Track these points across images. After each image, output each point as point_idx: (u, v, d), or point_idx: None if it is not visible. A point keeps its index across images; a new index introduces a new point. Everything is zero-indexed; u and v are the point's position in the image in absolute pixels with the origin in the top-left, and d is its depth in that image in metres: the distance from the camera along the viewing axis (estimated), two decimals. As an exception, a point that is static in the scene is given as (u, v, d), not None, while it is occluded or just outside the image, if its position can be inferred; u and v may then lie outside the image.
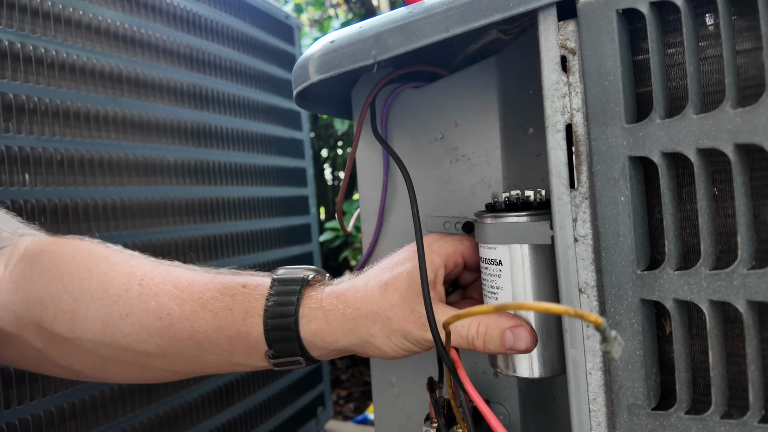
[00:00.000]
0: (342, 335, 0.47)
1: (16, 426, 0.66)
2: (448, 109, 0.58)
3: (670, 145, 0.37)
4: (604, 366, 0.41)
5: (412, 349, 0.47)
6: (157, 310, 0.48)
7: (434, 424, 0.50)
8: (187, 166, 0.97)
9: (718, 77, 0.38)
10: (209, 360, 0.50)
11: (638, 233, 0.40)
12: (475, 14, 0.43)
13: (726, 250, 0.38)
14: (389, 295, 0.46)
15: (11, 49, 0.69)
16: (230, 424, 1.02)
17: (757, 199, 0.37)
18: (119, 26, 0.85)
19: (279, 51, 1.27)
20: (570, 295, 0.41)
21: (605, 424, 0.41)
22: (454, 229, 0.58)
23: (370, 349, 0.47)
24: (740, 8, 0.37)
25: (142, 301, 0.48)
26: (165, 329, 0.48)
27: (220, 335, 0.48)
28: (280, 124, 1.26)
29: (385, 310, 0.46)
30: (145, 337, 0.48)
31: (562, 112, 0.41)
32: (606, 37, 0.39)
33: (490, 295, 0.48)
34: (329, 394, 1.37)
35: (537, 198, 0.46)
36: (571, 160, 0.42)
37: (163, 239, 0.91)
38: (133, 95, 0.87)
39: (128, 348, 0.49)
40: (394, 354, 0.47)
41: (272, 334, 0.47)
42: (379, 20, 0.48)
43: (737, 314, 0.37)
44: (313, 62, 0.51)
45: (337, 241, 1.91)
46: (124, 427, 0.81)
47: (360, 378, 2.14)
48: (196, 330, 0.48)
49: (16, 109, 0.69)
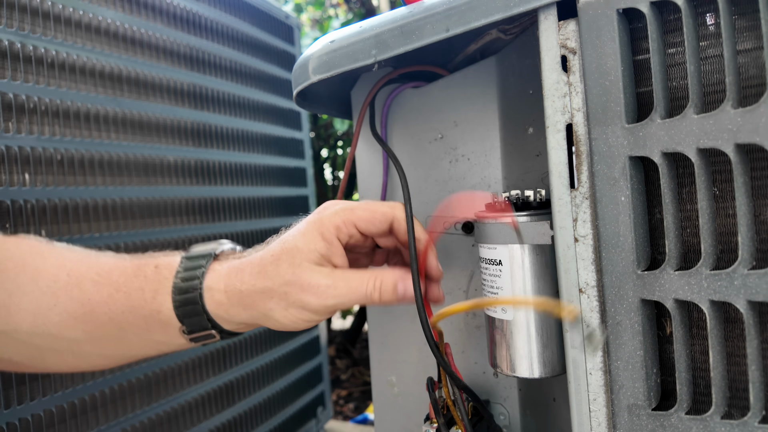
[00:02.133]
0: (242, 309, 0.48)
1: (16, 426, 0.66)
2: (447, 109, 0.58)
3: (671, 144, 0.37)
4: (604, 366, 0.41)
5: (312, 318, 0.48)
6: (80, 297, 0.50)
7: (434, 424, 0.50)
8: (187, 166, 0.97)
9: (718, 77, 0.38)
10: (133, 341, 0.52)
11: (639, 233, 0.40)
12: (475, 14, 0.43)
13: (726, 250, 0.38)
14: (282, 270, 0.47)
15: (11, 49, 0.69)
16: (230, 424, 1.02)
17: (757, 199, 0.37)
18: (119, 26, 0.85)
19: (279, 51, 1.27)
20: (570, 295, 0.41)
21: (605, 424, 0.41)
22: (454, 229, 0.58)
23: (270, 323, 0.49)
24: (741, 8, 0.37)
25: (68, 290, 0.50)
26: (88, 315, 0.50)
27: (135, 316, 0.50)
28: (280, 124, 1.26)
29: (280, 285, 0.47)
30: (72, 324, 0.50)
31: (562, 111, 0.41)
32: (606, 37, 0.39)
33: (490, 295, 0.48)
34: (329, 394, 1.37)
35: (537, 198, 0.46)
36: (572, 160, 0.42)
37: (163, 239, 0.91)
38: (133, 95, 0.87)
39: (59, 336, 0.51)
40: (294, 326, 0.48)
41: (180, 310, 0.49)
42: (379, 20, 0.48)
43: (738, 314, 0.37)
44: (313, 62, 0.51)
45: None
46: (124, 427, 0.81)
47: (360, 378, 2.14)
48: (114, 312, 0.50)
49: (16, 109, 0.69)
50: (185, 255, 0.51)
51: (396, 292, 0.47)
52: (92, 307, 0.50)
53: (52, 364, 0.54)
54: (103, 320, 0.50)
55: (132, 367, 0.83)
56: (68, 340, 0.51)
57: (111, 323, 0.50)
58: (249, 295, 0.48)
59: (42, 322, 0.50)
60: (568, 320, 0.40)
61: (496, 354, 0.48)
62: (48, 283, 0.51)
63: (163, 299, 0.49)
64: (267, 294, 0.47)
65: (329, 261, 0.48)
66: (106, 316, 0.50)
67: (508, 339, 0.47)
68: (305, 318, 0.48)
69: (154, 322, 0.50)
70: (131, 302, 0.50)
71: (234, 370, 1.04)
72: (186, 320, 0.49)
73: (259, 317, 0.49)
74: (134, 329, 0.51)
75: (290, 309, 0.47)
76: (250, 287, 0.48)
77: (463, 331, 0.59)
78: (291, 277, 0.47)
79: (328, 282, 0.47)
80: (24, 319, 0.50)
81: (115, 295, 0.50)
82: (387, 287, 0.47)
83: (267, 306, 0.48)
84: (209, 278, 0.49)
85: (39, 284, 0.51)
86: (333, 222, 0.49)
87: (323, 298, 0.47)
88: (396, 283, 0.47)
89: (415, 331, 0.62)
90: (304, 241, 0.48)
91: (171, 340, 0.52)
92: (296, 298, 0.47)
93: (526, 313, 0.46)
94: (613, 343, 0.40)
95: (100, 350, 0.53)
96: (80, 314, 0.50)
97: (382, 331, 0.64)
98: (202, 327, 0.50)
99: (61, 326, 0.50)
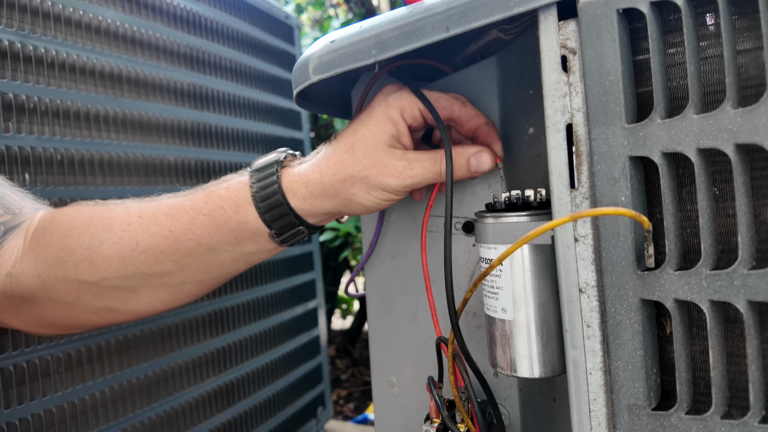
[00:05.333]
0: (327, 199, 0.51)
1: (16, 426, 0.66)
2: (448, 109, 0.58)
3: (671, 145, 0.37)
4: (604, 366, 0.41)
5: (392, 198, 0.51)
6: (160, 231, 0.53)
7: (434, 423, 0.50)
8: (187, 166, 0.97)
9: (718, 77, 0.38)
10: (225, 258, 0.54)
11: (638, 233, 0.40)
12: (475, 14, 0.43)
13: (726, 250, 0.38)
14: (359, 156, 0.50)
15: (11, 49, 0.69)
16: (230, 424, 1.02)
17: (757, 199, 0.37)
18: (119, 26, 0.85)
19: (279, 51, 1.27)
20: (570, 295, 0.41)
21: (605, 424, 0.41)
22: (454, 229, 0.58)
23: (354, 207, 0.52)
24: (741, 8, 0.37)
25: (145, 228, 0.53)
26: (173, 245, 0.53)
27: (222, 233, 0.53)
28: (280, 124, 1.26)
29: (360, 171, 0.50)
30: (159, 258, 0.53)
31: (562, 111, 0.41)
32: (606, 37, 0.39)
33: (490, 296, 0.48)
34: (329, 394, 1.37)
35: (537, 198, 0.46)
36: (572, 160, 0.42)
37: (163, 239, 0.91)
38: (133, 95, 0.87)
39: (150, 273, 0.54)
40: (377, 206, 0.52)
41: (268, 215, 0.52)
42: (379, 20, 0.48)
43: (738, 314, 0.37)
44: (313, 62, 0.51)
45: (337, 241, 1.90)
46: (124, 427, 0.81)
47: (360, 378, 2.14)
48: (199, 235, 0.53)
49: (16, 109, 0.69)
50: (252, 169, 0.54)
51: (469, 167, 0.50)
52: (176, 236, 0.53)
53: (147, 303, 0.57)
54: (190, 246, 0.53)
55: (132, 366, 0.83)
56: (160, 274, 0.54)
57: (199, 247, 0.53)
58: (332, 185, 0.51)
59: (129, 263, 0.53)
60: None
61: (496, 354, 0.48)
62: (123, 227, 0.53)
63: (247, 210, 0.52)
64: (349, 181, 0.50)
65: (399, 141, 0.51)
66: (192, 241, 0.53)
67: (508, 339, 0.47)
68: (386, 198, 0.51)
69: (243, 234, 0.53)
70: (215, 221, 0.52)
71: (234, 370, 1.04)
72: (274, 223, 0.52)
73: (344, 203, 0.51)
74: (224, 246, 0.53)
75: (372, 191, 0.50)
76: (331, 177, 0.51)
77: (463, 331, 0.59)
78: (369, 161, 0.50)
79: (404, 163, 0.49)
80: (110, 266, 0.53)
81: (197, 219, 0.53)
82: (460, 163, 0.50)
83: (350, 191, 0.50)
84: (285, 180, 0.52)
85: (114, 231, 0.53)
86: (399, 103, 0.51)
87: (401, 179, 0.49)
88: (469, 158, 0.50)
89: (416, 331, 0.62)
90: (374, 125, 0.50)
91: (261, 247, 0.54)
92: (377, 181, 0.50)
93: (526, 314, 0.46)
94: (613, 343, 0.40)
95: (193, 277, 0.55)
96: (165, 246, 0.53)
97: (382, 331, 0.64)
98: (291, 225, 0.52)
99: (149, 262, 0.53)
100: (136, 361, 0.84)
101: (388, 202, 0.51)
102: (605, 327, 0.40)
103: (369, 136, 0.50)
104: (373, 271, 0.65)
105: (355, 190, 0.50)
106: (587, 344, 0.41)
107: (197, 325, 0.97)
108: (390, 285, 0.63)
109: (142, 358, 0.85)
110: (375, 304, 0.65)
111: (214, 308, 1.00)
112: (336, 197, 0.51)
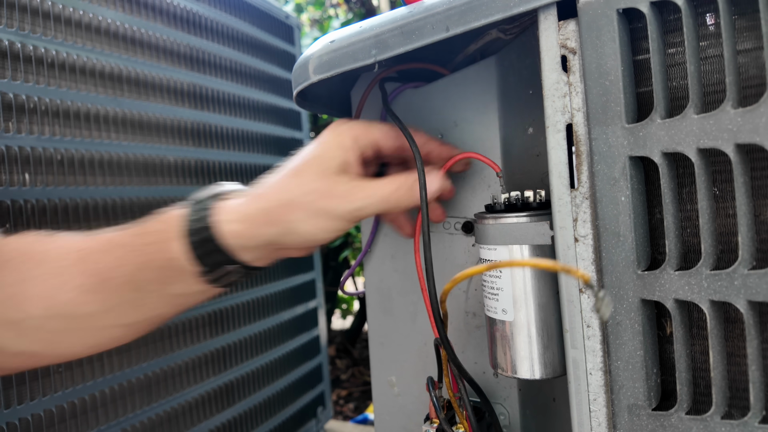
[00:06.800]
0: (265, 227, 0.47)
1: (16, 426, 0.66)
2: (448, 109, 0.58)
3: (671, 144, 0.37)
4: (604, 366, 0.41)
5: (337, 227, 0.48)
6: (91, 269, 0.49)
7: (434, 423, 0.50)
8: (187, 166, 0.97)
9: (718, 77, 0.38)
10: (151, 300, 0.51)
11: (639, 233, 0.40)
12: (475, 14, 0.43)
13: (726, 250, 0.38)
14: (305, 180, 0.47)
15: (11, 49, 0.69)
16: (230, 424, 1.02)
17: (757, 199, 0.37)
18: (119, 26, 0.85)
19: (279, 51, 1.27)
20: (570, 296, 0.41)
21: (605, 424, 0.41)
22: (454, 229, 0.58)
23: (294, 237, 0.47)
24: (741, 8, 0.37)
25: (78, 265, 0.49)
26: (101, 284, 0.49)
27: (150, 270, 0.49)
28: (280, 124, 1.26)
29: (302, 195, 0.47)
30: (85, 299, 0.49)
31: (562, 111, 0.41)
32: (606, 37, 0.39)
33: (491, 297, 0.48)
34: (329, 394, 1.37)
35: (537, 198, 0.46)
36: (572, 160, 0.42)
37: (163, 239, 0.91)
38: (133, 95, 0.87)
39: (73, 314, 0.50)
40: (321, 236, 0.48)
41: (197, 251, 0.48)
42: (379, 20, 0.48)
43: (738, 314, 0.37)
44: (313, 62, 0.51)
45: (337, 241, 1.91)
46: (124, 427, 0.81)
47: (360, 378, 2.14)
48: (127, 273, 0.49)
49: (16, 109, 0.69)
50: (189, 200, 0.50)
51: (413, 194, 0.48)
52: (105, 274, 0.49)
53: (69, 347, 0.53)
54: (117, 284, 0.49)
55: (132, 366, 0.83)
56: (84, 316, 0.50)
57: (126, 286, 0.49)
58: (270, 211, 0.47)
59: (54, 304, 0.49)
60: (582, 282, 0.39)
61: (496, 355, 0.48)
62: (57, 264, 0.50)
63: (176, 245, 0.48)
64: (290, 206, 0.47)
65: (349, 169, 0.48)
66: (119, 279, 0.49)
67: (508, 340, 0.47)
68: (330, 227, 0.47)
69: (170, 272, 0.49)
70: (143, 257, 0.49)
71: (234, 370, 1.04)
72: (203, 259, 0.48)
73: (283, 232, 0.47)
74: (150, 286, 0.49)
75: (316, 218, 0.47)
76: (270, 202, 0.47)
77: (463, 331, 0.59)
78: (313, 186, 0.47)
79: (350, 187, 0.47)
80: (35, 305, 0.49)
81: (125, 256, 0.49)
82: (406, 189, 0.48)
83: (290, 218, 0.47)
84: (221, 212, 0.48)
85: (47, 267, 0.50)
86: (352, 132, 0.49)
87: (346, 203, 0.47)
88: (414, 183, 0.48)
89: (416, 331, 0.62)
90: (324, 150, 0.48)
91: (190, 289, 0.50)
92: (320, 206, 0.46)
93: (526, 315, 0.46)
94: (614, 343, 0.40)
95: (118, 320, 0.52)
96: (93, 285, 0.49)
97: (382, 331, 0.64)
98: (221, 263, 0.48)
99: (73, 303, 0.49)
100: (136, 361, 0.84)
101: (333, 232, 0.48)
102: (605, 327, 0.40)
103: (317, 160, 0.48)
104: (373, 271, 0.65)
105: (295, 217, 0.46)
106: (587, 344, 0.41)
107: (197, 325, 0.97)
108: (390, 285, 0.63)
109: (142, 358, 0.85)
110: (375, 304, 0.65)
111: (214, 308, 1.00)
112: (274, 225, 0.47)
